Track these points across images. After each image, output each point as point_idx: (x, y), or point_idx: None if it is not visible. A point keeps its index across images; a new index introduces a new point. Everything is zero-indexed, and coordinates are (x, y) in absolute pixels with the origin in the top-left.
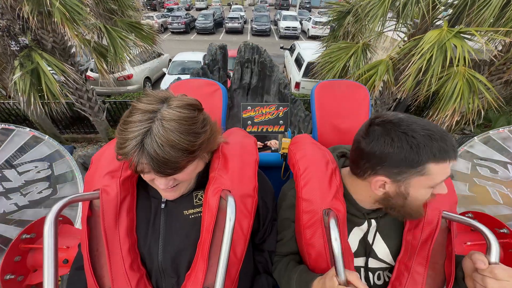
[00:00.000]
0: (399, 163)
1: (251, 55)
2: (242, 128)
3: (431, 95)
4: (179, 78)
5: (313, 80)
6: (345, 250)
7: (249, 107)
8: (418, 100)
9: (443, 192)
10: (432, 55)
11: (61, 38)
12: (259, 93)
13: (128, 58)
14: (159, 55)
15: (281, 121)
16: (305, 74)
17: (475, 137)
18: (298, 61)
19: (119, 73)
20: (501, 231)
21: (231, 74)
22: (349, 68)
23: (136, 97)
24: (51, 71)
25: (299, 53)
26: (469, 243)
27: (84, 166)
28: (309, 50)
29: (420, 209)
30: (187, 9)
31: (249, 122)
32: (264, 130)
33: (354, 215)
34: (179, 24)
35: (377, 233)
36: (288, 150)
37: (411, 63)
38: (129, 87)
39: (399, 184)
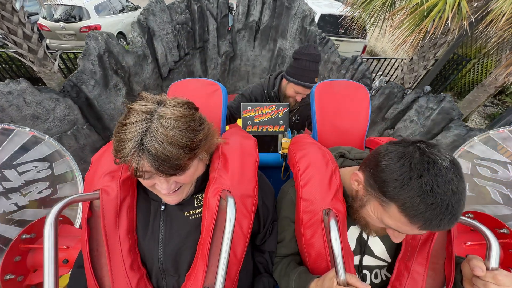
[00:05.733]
0: (378, 180)
1: None
2: (242, 128)
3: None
4: None
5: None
6: (345, 250)
7: (249, 107)
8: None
9: (392, 239)
10: None
11: None
12: (271, 37)
13: None
14: (136, 8)
15: (281, 121)
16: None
17: (475, 137)
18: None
19: (80, 22)
20: (501, 231)
21: (234, 6)
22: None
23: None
24: None
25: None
26: (469, 243)
27: None
28: (317, 2)
29: (368, 227)
30: None
31: (249, 122)
32: (264, 130)
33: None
34: None
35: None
36: (288, 150)
37: None
38: None
39: (366, 193)
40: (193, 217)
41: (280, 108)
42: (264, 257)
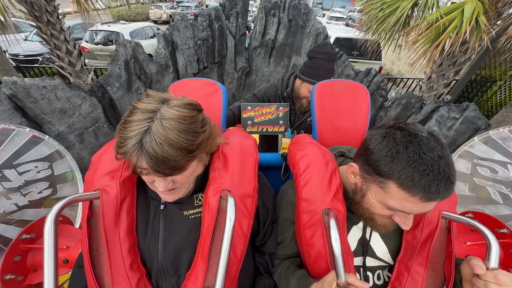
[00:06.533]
0: (372, 162)
1: None
2: (242, 128)
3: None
4: None
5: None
6: (345, 250)
7: (249, 107)
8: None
9: (401, 225)
10: None
11: None
12: (286, 54)
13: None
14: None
15: (281, 121)
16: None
17: (475, 137)
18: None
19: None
20: (501, 231)
21: (252, 26)
22: (410, 15)
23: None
24: None
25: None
26: (469, 243)
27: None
28: (332, 28)
29: (372, 218)
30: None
31: (249, 122)
32: (264, 130)
33: (352, 212)
34: (189, 15)
35: (373, 231)
36: (288, 150)
37: None
38: None
39: (363, 181)
40: (192, 216)
41: (280, 108)
42: (264, 258)
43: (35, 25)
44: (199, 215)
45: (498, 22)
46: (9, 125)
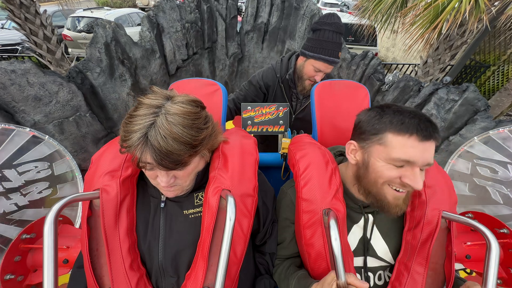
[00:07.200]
0: (365, 128)
1: None
2: (242, 128)
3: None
4: None
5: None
6: (345, 250)
7: (249, 107)
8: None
9: (412, 184)
10: None
11: None
12: (279, 38)
13: None
14: None
15: (281, 121)
16: None
17: (475, 137)
18: None
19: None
20: (501, 231)
21: (243, 8)
22: None
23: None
24: None
25: None
26: (469, 243)
27: None
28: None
29: (382, 195)
30: None
31: (249, 122)
32: (264, 130)
33: (351, 208)
34: None
35: (375, 228)
36: (288, 150)
37: None
38: None
39: (364, 151)
40: (192, 216)
41: (280, 108)
42: (265, 258)
43: (6, 8)
44: (199, 214)
45: (496, 3)
46: (9, 125)
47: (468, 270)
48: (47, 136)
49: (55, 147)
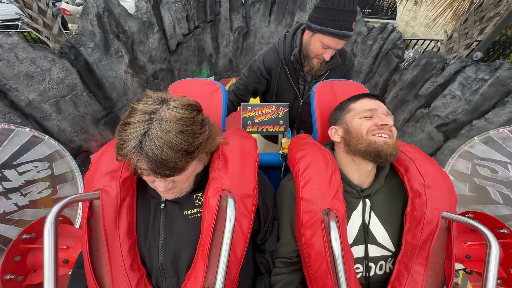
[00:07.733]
0: (335, 115)
1: None
2: (242, 128)
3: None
4: None
5: None
6: (345, 251)
7: (249, 107)
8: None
9: (383, 121)
10: None
11: None
12: (288, 9)
13: None
14: None
15: (281, 121)
16: None
17: (475, 137)
18: None
19: None
20: (501, 231)
21: None
22: None
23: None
24: None
25: None
26: (469, 243)
27: None
28: None
29: (365, 139)
30: None
31: (249, 122)
32: (264, 130)
33: (349, 193)
34: None
35: (372, 214)
36: (288, 150)
37: None
38: None
39: (342, 125)
40: (192, 216)
41: (280, 108)
42: (265, 257)
43: None
44: (199, 215)
45: None
46: (9, 125)
47: (468, 270)
48: (47, 136)
49: (55, 147)
